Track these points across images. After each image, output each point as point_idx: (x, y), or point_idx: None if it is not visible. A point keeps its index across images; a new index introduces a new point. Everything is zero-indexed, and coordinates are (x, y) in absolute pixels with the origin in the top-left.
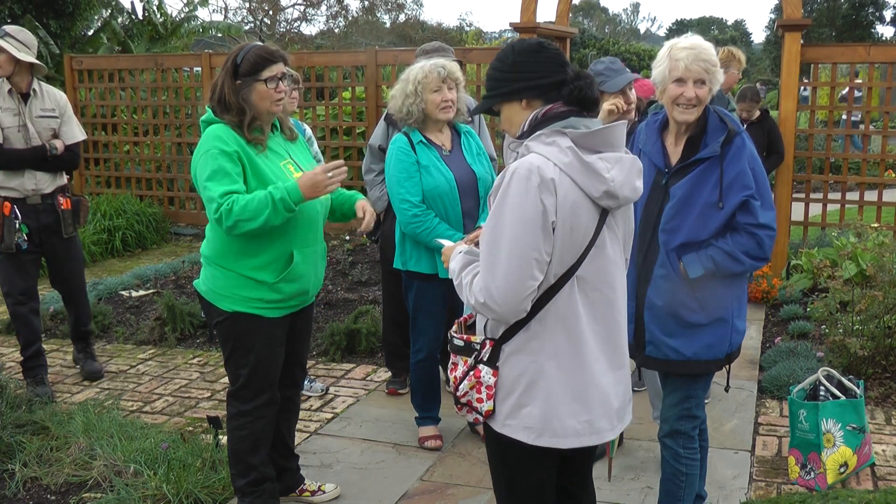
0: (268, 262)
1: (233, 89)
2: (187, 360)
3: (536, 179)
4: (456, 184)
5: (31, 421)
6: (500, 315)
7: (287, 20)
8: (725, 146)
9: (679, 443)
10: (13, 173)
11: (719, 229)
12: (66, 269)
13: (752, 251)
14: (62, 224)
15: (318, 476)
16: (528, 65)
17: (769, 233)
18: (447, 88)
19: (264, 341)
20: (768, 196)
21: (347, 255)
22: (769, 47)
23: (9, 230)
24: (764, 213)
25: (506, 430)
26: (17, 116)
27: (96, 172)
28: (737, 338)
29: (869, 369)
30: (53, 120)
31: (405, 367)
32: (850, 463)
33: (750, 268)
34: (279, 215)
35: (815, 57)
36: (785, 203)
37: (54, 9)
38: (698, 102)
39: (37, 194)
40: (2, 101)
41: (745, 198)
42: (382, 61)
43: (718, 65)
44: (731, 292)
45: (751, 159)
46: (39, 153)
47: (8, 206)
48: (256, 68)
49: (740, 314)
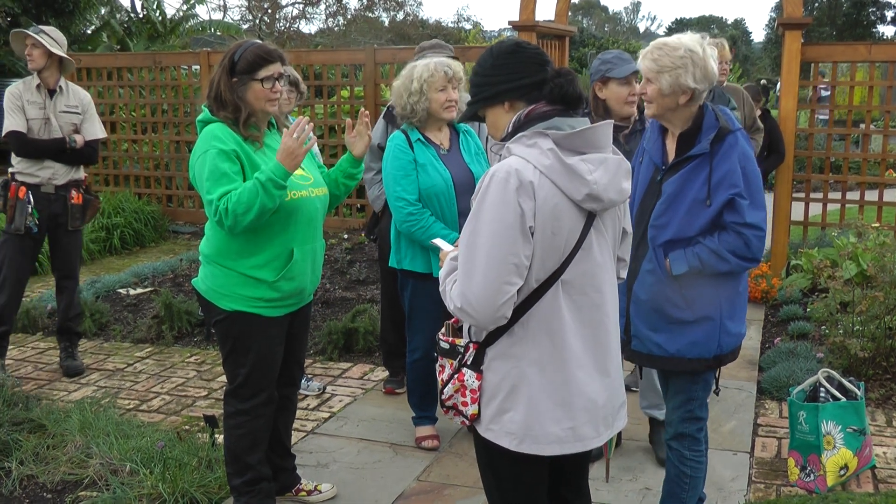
0: (268, 261)
1: (229, 87)
2: (184, 358)
3: (515, 182)
4: (453, 183)
5: (27, 419)
6: (478, 321)
7: (286, 18)
8: (717, 144)
9: (684, 445)
10: (34, 162)
11: (706, 227)
12: (61, 260)
13: (738, 250)
14: (69, 217)
15: (315, 476)
16: (507, 66)
17: (756, 233)
18: (452, 88)
19: (263, 340)
20: (759, 196)
21: (345, 253)
22: (769, 46)
23: (20, 212)
24: (752, 213)
25: (489, 434)
26: (42, 110)
27: (95, 170)
28: (728, 340)
29: (869, 371)
30: (76, 116)
31: (402, 367)
32: (850, 465)
33: (736, 267)
34: (271, 197)
35: (815, 56)
36: (785, 203)
37: (54, 7)
38: (651, 99)
39: (51, 184)
40: (30, 94)
41: (732, 196)
42: (381, 60)
43: (677, 63)
44: (721, 292)
45: (742, 157)
46: (59, 145)
47: (24, 190)
48: (253, 67)
49: (733, 316)
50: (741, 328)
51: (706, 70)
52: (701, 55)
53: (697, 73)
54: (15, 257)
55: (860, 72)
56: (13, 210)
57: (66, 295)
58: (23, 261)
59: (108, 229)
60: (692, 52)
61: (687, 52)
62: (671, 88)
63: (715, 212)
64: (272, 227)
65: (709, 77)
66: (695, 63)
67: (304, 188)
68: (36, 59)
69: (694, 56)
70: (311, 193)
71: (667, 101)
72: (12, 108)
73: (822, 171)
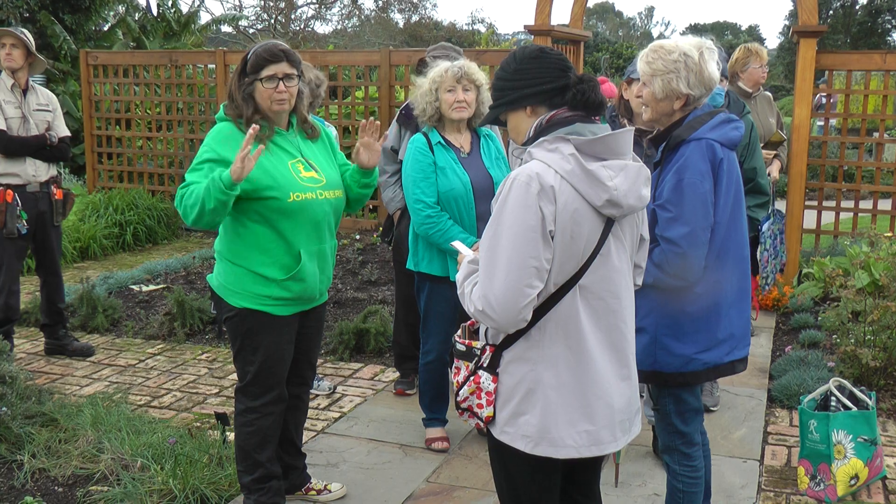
0: (276, 259)
1: (238, 86)
2: (196, 355)
3: (536, 187)
4: (472, 187)
5: (40, 413)
6: (499, 324)
7: (301, 19)
8: (669, 152)
9: (674, 459)
10: (15, 161)
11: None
12: (48, 256)
13: (661, 264)
14: (54, 212)
15: (324, 475)
16: (530, 71)
17: (673, 248)
18: (462, 89)
19: (272, 339)
20: (685, 211)
21: (358, 254)
22: (783, 53)
23: (11, 216)
24: (670, 227)
25: (504, 437)
26: (19, 109)
27: (109, 167)
28: (668, 359)
29: (881, 380)
30: (49, 114)
31: (413, 368)
32: (860, 475)
33: (657, 281)
34: (211, 197)
35: (830, 63)
36: (797, 211)
37: (70, 3)
38: (646, 103)
39: (35, 182)
40: (5, 94)
41: (654, 207)
42: (395, 61)
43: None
44: (662, 306)
45: (681, 169)
46: (41, 141)
47: (11, 194)
48: (257, 67)
49: (678, 335)
50: (689, 350)
51: (701, 75)
52: (696, 60)
53: (691, 77)
54: (12, 261)
55: (874, 80)
56: (4, 215)
57: (48, 289)
58: (18, 263)
59: (122, 226)
60: (687, 57)
61: (681, 55)
62: (664, 93)
63: (652, 222)
64: (276, 226)
65: (705, 82)
66: (688, 67)
67: (311, 190)
68: (16, 59)
69: (688, 60)
70: (320, 195)
71: (661, 105)
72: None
73: (835, 179)
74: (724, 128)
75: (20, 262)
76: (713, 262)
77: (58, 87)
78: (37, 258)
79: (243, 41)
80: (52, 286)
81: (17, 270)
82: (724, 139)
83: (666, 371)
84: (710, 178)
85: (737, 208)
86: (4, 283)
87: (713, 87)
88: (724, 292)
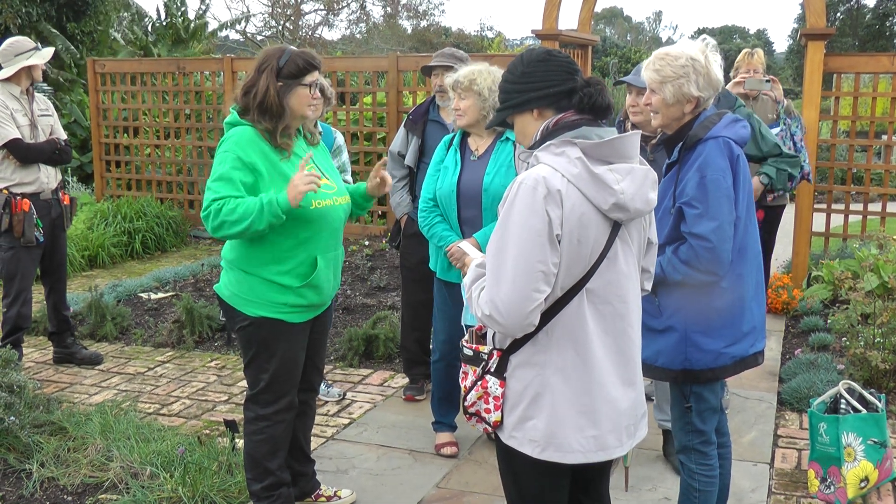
0: (293, 267)
1: (275, 90)
2: (205, 363)
3: (543, 191)
4: (457, 192)
5: (49, 421)
6: (506, 328)
7: (309, 25)
8: (686, 152)
9: (691, 459)
10: (30, 169)
11: (672, 235)
12: (56, 262)
13: (690, 261)
14: (64, 218)
15: (334, 481)
16: (537, 74)
17: (703, 243)
18: (458, 97)
19: (288, 346)
20: (711, 207)
21: (366, 260)
22: (791, 56)
23: (28, 225)
24: (698, 223)
25: (512, 441)
26: (27, 116)
27: (117, 175)
28: (699, 356)
29: (890, 383)
30: (50, 118)
31: (423, 374)
32: (870, 478)
33: (687, 278)
34: (263, 220)
35: (838, 66)
36: (806, 214)
37: (74, 10)
38: (656, 110)
39: (48, 189)
40: (12, 102)
41: (680, 205)
42: (404, 67)
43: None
44: (687, 304)
45: (703, 166)
46: (53, 146)
47: (27, 203)
48: (302, 72)
49: (707, 331)
50: (718, 346)
51: (709, 77)
52: (703, 63)
53: (700, 80)
54: (28, 269)
55: (882, 82)
56: (22, 224)
57: (56, 297)
58: (33, 272)
59: (130, 233)
60: (694, 61)
61: (689, 60)
62: (675, 98)
63: (675, 221)
64: (299, 234)
65: (713, 84)
66: (697, 71)
67: (329, 196)
68: (36, 75)
69: (696, 64)
70: (336, 202)
71: (672, 110)
72: (3, 117)
73: (844, 182)
74: (735, 126)
75: (35, 270)
76: (736, 256)
77: (65, 95)
78: (44, 265)
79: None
80: (58, 293)
81: (31, 279)
82: (736, 137)
83: (696, 368)
84: (730, 174)
85: (750, 204)
86: (21, 292)
87: (720, 88)
88: (747, 285)
